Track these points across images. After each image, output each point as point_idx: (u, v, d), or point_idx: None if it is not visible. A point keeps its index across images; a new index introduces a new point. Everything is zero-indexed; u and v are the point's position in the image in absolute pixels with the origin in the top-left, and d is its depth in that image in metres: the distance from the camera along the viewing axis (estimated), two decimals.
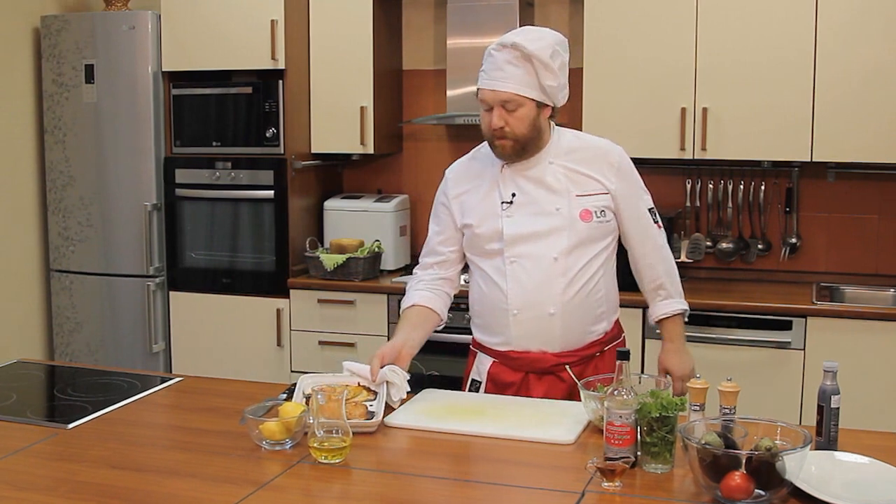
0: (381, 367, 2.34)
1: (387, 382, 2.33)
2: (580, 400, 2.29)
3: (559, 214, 2.44)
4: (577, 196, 2.45)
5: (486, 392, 2.54)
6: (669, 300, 2.59)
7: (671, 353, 2.59)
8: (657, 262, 2.57)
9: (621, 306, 2.64)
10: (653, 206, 2.58)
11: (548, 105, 2.42)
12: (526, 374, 2.50)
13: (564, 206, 2.44)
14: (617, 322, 2.63)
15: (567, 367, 2.43)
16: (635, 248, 2.56)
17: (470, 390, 2.59)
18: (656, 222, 2.57)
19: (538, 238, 2.44)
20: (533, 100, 2.37)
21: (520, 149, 2.42)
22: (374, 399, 2.24)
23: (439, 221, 2.61)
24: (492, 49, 2.38)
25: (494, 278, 2.48)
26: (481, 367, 2.58)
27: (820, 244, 4.20)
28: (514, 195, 2.47)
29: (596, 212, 2.45)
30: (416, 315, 2.55)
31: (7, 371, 2.80)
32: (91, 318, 4.57)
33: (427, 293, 2.58)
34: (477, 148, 2.60)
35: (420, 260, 2.68)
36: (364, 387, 2.30)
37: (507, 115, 2.37)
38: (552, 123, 2.51)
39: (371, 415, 2.22)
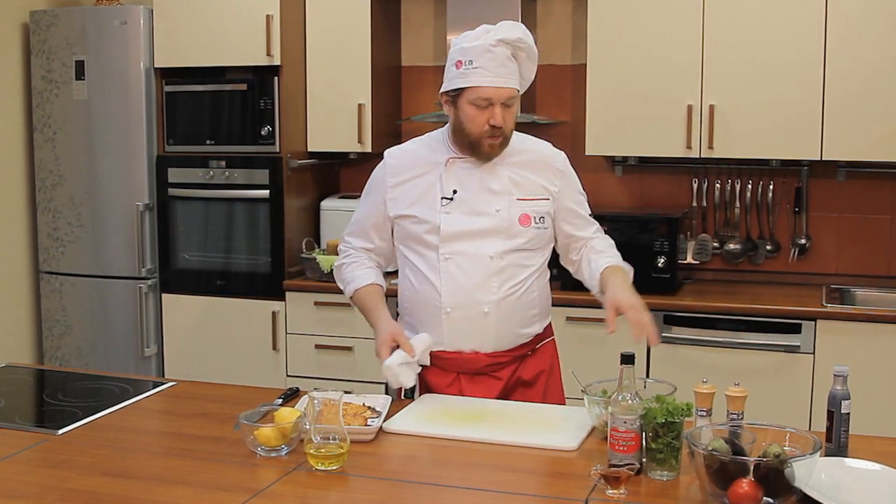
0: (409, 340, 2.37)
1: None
2: (517, 399, 2.30)
3: (498, 216, 2.46)
4: (518, 199, 2.48)
5: (418, 395, 2.54)
6: (614, 258, 2.55)
7: (619, 289, 2.37)
8: (601, 239, 2.60)
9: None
10: (591, 213, 2.63)
11: None
12: (457, 376, 2.51)
13: (504, 208, 2.46)
14: (549, 325, 2.66)
15: (573, 372, 2.43)
16: (574, 234, 2.57)
17: (405, 396, 2.56)
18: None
19: (475, 237, 2.46)
20: (518, 93, 2.45)
21: (506, 144, 2.47)
22: (378, 417, 2.24)
23: (372, 206, 2.60)
24: (489, 45, 2.38)
25: (427, 275, 2.49)
26: None
27: (830, 245, 4.20)
28: (455, 192, 2.47)
29: (535, 217, 2.49)
30: (380, 295, 2.55)
31: None
32: (81, 320, 4.57)
33: (377, 271, 2.61)
34: (421, 137, 2.63)
35: (346, 237, 2.67)
36: (368, 406, 2.30)
37: (504, 111, 2.40)
38: None
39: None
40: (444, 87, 2.46)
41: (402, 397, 2.54)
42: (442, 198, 2.48)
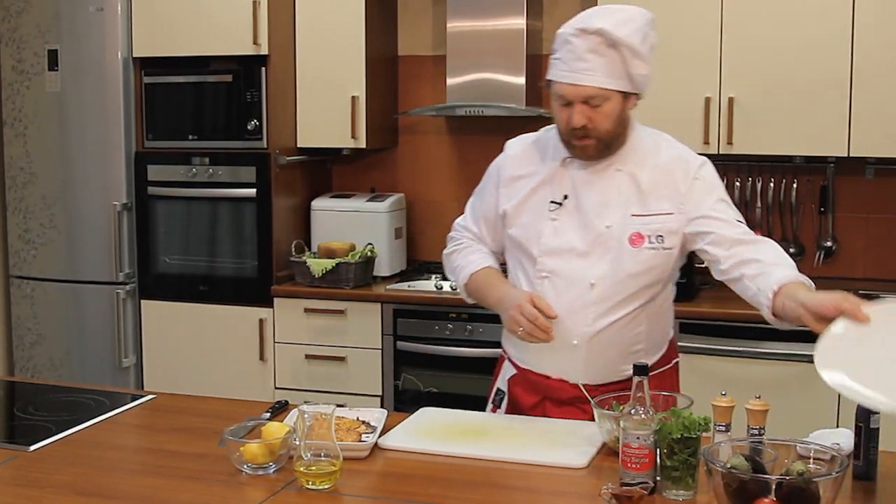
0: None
1: None
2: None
3: (607, 233, 2.33)
4: (633, 215, 2.33)
5: (506, 408, 2.50)
6: (790, 270, 2.24)
7: (813, 295, 2.19)
8: (768, 245, 2.31)
9: None
10: (742, 220, 2.38)
11: (634, 94, 2.30)
12: (543, 400, 2.44)
13: (616, 225, 2.33)
14: (665, 356, 2.51)
15: (580, 385, 2.40)
16: (714, 236, 2.31)
17: (493, 400, 2.54)
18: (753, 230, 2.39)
19: (577, 256, 2.34)
20: (619, 91, 2.26)
21: (604, 147, 2.32)
22: (372, 432, 2.24)
23: (485, 201, 2.52)
24: (568, 35, 2.25)
25: (524, 289, 2.40)
26: (506, 375, 2.53)
27: (857, 248, 4.20)
28: (566, 197, 2.37)
29: (650, 236, 2.33)
30: (501, 276, 2.46)
31: None
32: (55, 329, 4.57)
33: (493, 257, 2.51)
34: (545, 129, 2.49)
35: (459, 224, 2.60)
36: (362, 421, 2.30)
37: (590, 111, 2.25)
38: (632, 119, 2.39)
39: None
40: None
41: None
42: (551, 202, 2.38)
